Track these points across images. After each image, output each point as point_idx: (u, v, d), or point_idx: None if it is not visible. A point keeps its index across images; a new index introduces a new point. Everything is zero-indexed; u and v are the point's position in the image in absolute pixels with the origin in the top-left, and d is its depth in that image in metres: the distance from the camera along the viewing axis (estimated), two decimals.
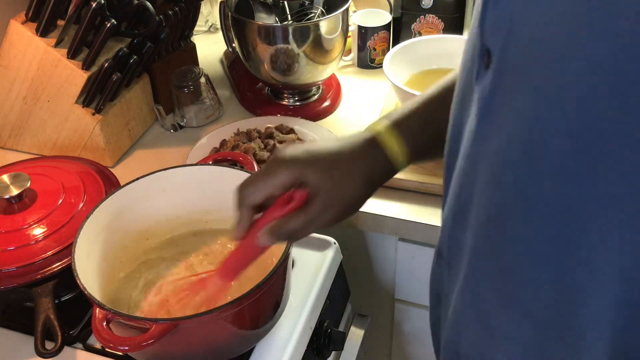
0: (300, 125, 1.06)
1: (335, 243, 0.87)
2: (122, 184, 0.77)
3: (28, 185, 0.79)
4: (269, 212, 0.58)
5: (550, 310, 0.41)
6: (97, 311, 0.60)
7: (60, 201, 0.80)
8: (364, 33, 1.19)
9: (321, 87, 1.17)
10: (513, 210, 0.41)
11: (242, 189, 0.59)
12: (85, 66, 0.94)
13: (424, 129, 0.59)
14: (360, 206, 0.59)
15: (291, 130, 1.04)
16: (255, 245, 0.58)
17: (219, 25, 1.32)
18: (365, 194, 0.59)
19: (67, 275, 0.67)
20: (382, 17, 1.21)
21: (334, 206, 0.57)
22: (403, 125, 0.59)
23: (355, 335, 0.90)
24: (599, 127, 0.34)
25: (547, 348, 0.43)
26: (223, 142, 1.03)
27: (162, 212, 0.80)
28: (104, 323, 0.59)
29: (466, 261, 0.48)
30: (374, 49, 1.21)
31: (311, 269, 0.83)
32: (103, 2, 0.89)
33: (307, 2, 1.13)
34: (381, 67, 1.03)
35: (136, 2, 0.95)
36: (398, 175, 0.94)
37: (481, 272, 0.46)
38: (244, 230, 0.59)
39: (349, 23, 1.12)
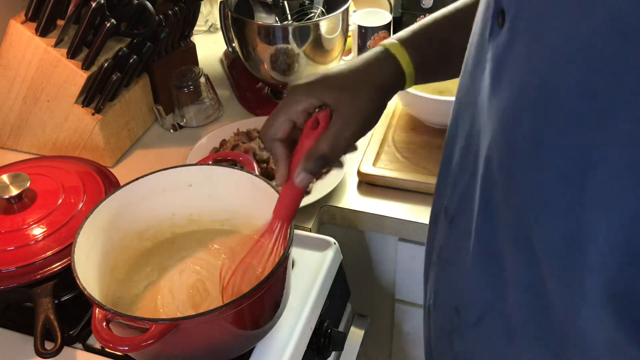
0: None
1: (335, 243, 0.87)
2: (121, 184, 0.77)
3: (28, 185, 0.78)
4: (301, 140, 0.61)
5: (556, 251, 0.43)
6: (97, 311, 0.60)
7: (60, 201, 0.80)
8: (364, 33, 1.19)
9: None
10: (524, 156, 0.43)
11: (265, 125, 0.62)
12: (85, 66, 0.94)
13: (429, 45, 0.64)
14: (377, 117, 0.63)
15: None
16: (296, 186, 0.61)
17: (218, 25, 1.32)
18: (379, 105, 0.63)
19: (67, 275, 0.67)
20: (382, 17, 1.21)
21: (354, 119, 0.60)
22: (409, 40, 0.64)
23: (355, 336, 0.90)
24: (613, 79, 0.35)
25: (550, 292, 0.45)
26: (223, 142, 1.03)
27: (162, 212, 0.79)
28: (104, 323, 0.59)
29: (477, 211, 0.50)
30: None
31: (311, 269, 0.83)
32: (103, 2, 0.89)
33: (307, 2, 1.12)
34: None
35: (136, 2, 0.95)
36: (398, 176, 0.95)
37: (493, 217, 0.48)
38: (285, 169, 0.62)
39: (349, 23, 1.12)
